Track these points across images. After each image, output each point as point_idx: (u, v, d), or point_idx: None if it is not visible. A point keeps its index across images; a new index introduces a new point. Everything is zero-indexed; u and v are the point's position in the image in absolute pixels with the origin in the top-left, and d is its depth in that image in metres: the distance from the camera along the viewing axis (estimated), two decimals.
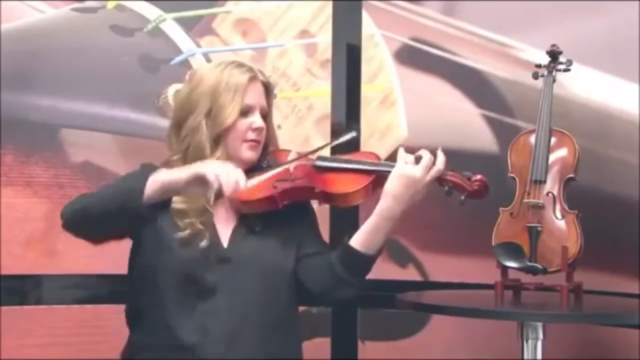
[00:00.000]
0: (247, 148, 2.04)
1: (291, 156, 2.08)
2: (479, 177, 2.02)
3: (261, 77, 2.07)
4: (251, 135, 2.03)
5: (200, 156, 1.99)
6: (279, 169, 2.03)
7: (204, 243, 1.95)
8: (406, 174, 1.96)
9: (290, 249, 2.03)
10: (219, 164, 1.95)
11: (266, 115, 2.07)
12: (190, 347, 1.93)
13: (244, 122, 2.02)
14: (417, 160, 1.97)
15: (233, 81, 2.01)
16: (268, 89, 2.09)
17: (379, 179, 2.00)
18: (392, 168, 1.98)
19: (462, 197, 2.01)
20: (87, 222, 1.97)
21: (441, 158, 1.99)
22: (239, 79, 2.02)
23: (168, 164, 2.04)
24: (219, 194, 1.91)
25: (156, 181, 1.94)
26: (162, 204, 1.98)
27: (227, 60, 2.10)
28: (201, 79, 2.04)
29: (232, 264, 1.97)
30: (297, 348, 2.08)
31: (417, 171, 1.96)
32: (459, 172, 2.02)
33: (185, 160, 2.02)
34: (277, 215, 2.00)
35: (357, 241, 1.99)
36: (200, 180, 1.91)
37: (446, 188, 2.00)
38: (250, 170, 2.04)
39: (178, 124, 2.05)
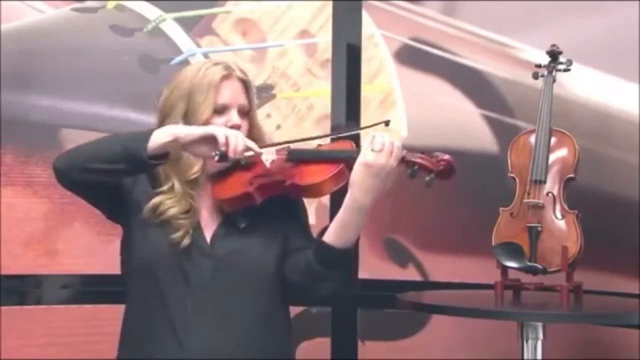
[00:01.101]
0: None
1: (267, 152, 2.03)
2: (445, 157, 1.92)
3: (238, 74, 2.03)
4: None
5: (177, 155, 1.98)
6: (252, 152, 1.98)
7: (186, 241, 1.95)
8: (368, 162, 1.89)
9: (275, 246, 2.01)
10: (229, 129, 1.94)
11: (247, 113, 2.05)
12: (174, 345, 1.93)
13: (219, 122, 1.99)
14: (380, 145, 1.89)
15: (206, 81, 1.99)
16: (247, 85, 2.05)
17: (348, 166, 1.94)
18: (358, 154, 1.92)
19: (427, 179, 1.91)
20: (82, 159, 1.91)
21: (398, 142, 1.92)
22: (212, 78, 1.99)
23: None
24: (225, 157, 1.89)
25: (165, 131, 1.90)
26: (150, 213, 1.98)
27: (206, 60, 2.08)
28: (177, 82, 2.03)
29: (214, 261, 1.96)
30: (285, 346, 2.06)
31: (381, 160, 1.89)
32: (427, 154, 1.94)
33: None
34: (264, 211, 1.99)
35: (329, 235, 1.95)
36: (210, 140, 1.89)
37: (409, 171, 1.92)
38: (228, 168, 2.02)
39: (158, 125, 2.04)
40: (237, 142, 1.89)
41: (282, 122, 3.05)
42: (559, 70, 2.48)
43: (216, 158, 1.90)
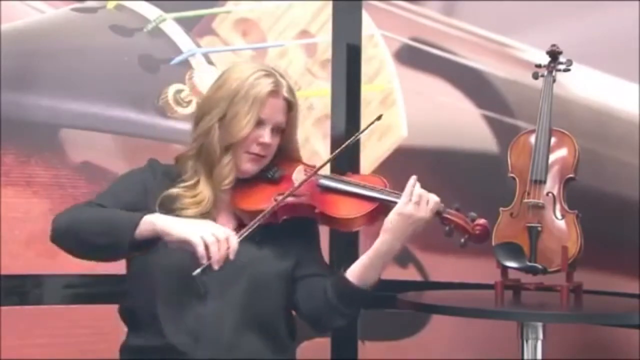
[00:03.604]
0: (247, 160, 2.02)
1: (297, 171, 2.05)
2: (481, 221, 2.02)
3: (285, 94, 2.03)
4: (255, 149, 2.02)
5: (210, 158, 1.99)
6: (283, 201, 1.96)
7: None
8: (408, 213, 1.95)
9: (285, 262, 2.01)
10: (209, 226, 1.85)
11: (283, 131, 2.05)
12: (181, 352, 1.93)
13: (252, 135, 2.00)
14: (418, 198, 1.96)
15: (253, 92, 1.98)
16: (290, 105, 2.05)
17: (381, 207, 1.98)
18: (396, 199, 1.97)
19: (462, 240, 2.02)
20: (74, 244, 1.96)
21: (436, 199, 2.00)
22: (259, 91, 1.98)
23: (183, 157, 2.06)
24: (207, 271, 1.80)
25: (152, 224, 1.86)
26: (160, 207, 1.97)
27: (259, 67, 2.05)
28: (225, 81, 2.02)
29: (224, 269, 1.96)
30: (288, 351, 2.06)
31: (419, 212, 1.96)
32: (463, 212, 2.02)
33: (199, 157, 2.02)
34: (279, 228, 1.99)
35: (352, 273, 1.98)
36: (188, 245, 1.82)
37: (447, 229, 2.01)
38: (254, 178, 2.04)
39: (196, 121, 2.04)
40: (219, 247, 1.80)
41: None
42: (559, 70, 2.48)
43: (198, 274, 1.78)
